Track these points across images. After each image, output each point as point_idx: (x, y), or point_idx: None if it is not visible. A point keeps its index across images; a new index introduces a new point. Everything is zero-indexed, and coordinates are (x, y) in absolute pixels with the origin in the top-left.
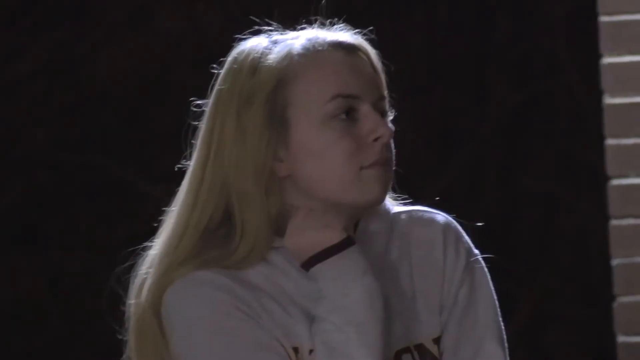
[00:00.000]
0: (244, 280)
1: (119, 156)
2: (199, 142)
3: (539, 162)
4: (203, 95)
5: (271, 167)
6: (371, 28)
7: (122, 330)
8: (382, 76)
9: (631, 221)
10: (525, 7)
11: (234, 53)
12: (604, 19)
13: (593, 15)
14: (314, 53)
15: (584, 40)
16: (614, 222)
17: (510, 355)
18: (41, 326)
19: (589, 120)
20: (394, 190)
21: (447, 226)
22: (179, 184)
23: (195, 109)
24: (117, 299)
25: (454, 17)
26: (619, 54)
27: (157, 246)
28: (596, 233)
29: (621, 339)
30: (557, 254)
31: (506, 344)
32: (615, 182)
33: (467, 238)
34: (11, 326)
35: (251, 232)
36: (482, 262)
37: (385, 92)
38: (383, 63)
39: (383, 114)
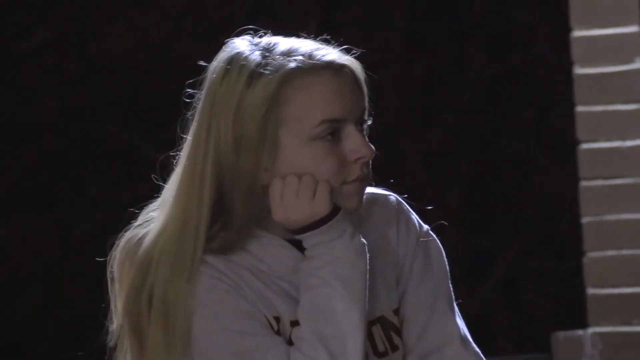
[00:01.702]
0: (226, 258)
1: (125, 123)
2: (194, 138)
3: (515, 128)
4: (201, 67)
5: (258, 176)
6: (362, 50)
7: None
8: (365, 89)
9: (599, 182)
10: None
11: (227, 54)
12: None
13: None
14: (304, 77)
15: (556, 16)
16: (583, 184)
17: (490, 305)
18: (52, 281)
19: (560, 89)
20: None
21: (398, 206)
22: (180, 149)
23: (187, 100)
24: None
25: None
26: (588, 28)
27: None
28: (567, 193)
29: (590, 291)
30: (531, 213)
31: (456, 307)
32: (584, 146)
33: (415, 215)
34: (25, 282)
35: (235, 224)
36: (433, 234)
37: (366, 105)
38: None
39: (363, 128)
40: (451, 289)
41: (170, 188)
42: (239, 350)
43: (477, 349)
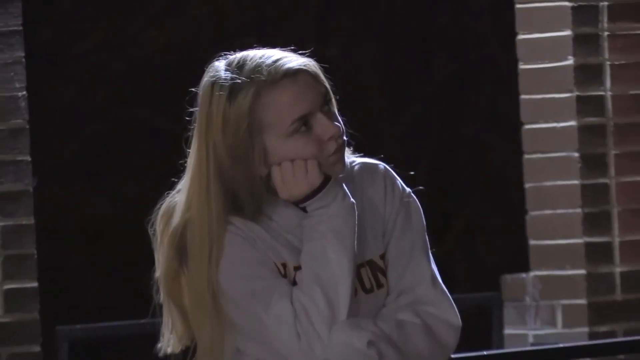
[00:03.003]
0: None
1: (159, 109)
2: (196, 153)
3: (471, 113)
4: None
5: (255, 172)
6: (312, 49)
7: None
8: (321, 78)
9: (539, 155)
10: None
11: (210, 79)
12: (519, 6)
13: (511, 3)
14: (270, 91)
15: (505, 22)
16: (526, 157)
17: (448, 256)
18: (103, 238)
19: (508, 81)
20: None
21: (385, 172)
22: (185, 161)
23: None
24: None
25: (405, 5)
26: (530, 32)
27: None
28: (513, 165)
29: (532, 242)
30: (484, 181)
31: (430, 255)
32: (527, 126)
33: (400, 180)
34: (81, 236)
35: (246, 203)
36: (414, 196)
37: (328, 90)
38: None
39: (330, 108)
40: (427, 239)
41: (182, 195)
42: (251, 291)
43: (444, 288)
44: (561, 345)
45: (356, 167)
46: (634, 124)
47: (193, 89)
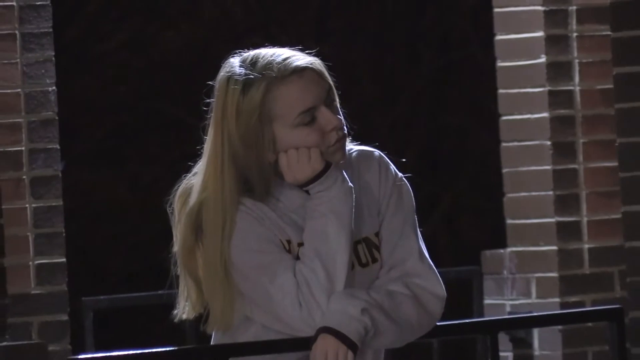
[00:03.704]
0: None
1: (176, 102)
2: (212, 140)
3: (455, 105)
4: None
5: (264, 158)
6: (317, 49)
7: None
8: (326, 76)
9: (515, 143)
10: (445, 1)
11: (226, 74)
12: (497, 10)
13: (490, 7)
14: (279, 86)
15: (485, 24)
16: (503, 144)
17: (434, 234)
18: (124, 218)
19: (487, 77)
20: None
21: (380, 159)
22: (202, 147)
23: (203, 105)
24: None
25: (396, 8)
26: (507, 33)
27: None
28: (492, 152)
29: (509, 221)
30: (466, 166)
31: (419, 233)
32: (504, 117)
33: (393, 166)
34: (104, 218)
35: (256, 185)
36: (405, 180)
37: (332, 87)
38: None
39: (333, 102)
40: (416, 219)
41: (198, 177)
42: (259, 264)
43: (431, 262)
44: (535, 313)
45: (354, 154)
46: (600, 115)
47: (210, 82)
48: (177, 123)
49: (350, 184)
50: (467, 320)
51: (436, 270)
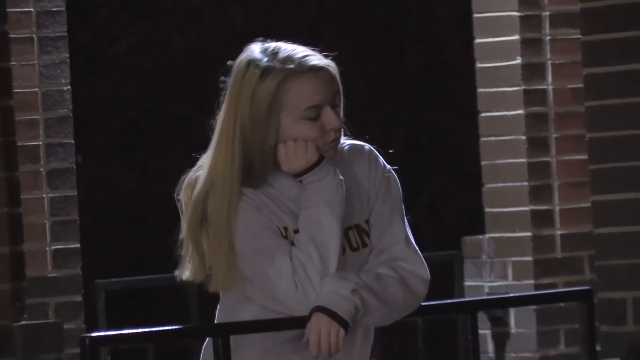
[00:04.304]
0: (250, 186)
1: (182, 101)
2: (225, 117)
3: (438, 103)
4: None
5: (267, 141)
6: (335, 53)
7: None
8: (337, 82)
9: (493, 138)
10: (430, 6)
11: (246, 57)
12: (476, 15)
13: (470, 12)
14: (295, 79)
15: (465, 28)
16: (482, 139)
17: (419, 222)
18: (133, 207)
19: (468, 77)
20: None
21: (370, 152)
22: (214, 122)
23: (222, 82)
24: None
25: (384, 13)
26: (486, 37)
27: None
28: (472, 145)
29: (487, 209)
30: (448, 159)
31: (406, 220)
32: (483, 114)
33: (381, 159)
34: (115, 207)
35: (256, 169)
36: (393, 172)
37: (339, 92)
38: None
39: (337, 106)
40: (403, 207)
41: (209, 153)
42: (257, 249)
43: (416, 247)
44: (511, 294)
45: (346, 147)
46: (571, 112)
47: (211, 79)
48: (182, 119)
49: (340, 176)
50: (449, 301)
51: (421, 255)
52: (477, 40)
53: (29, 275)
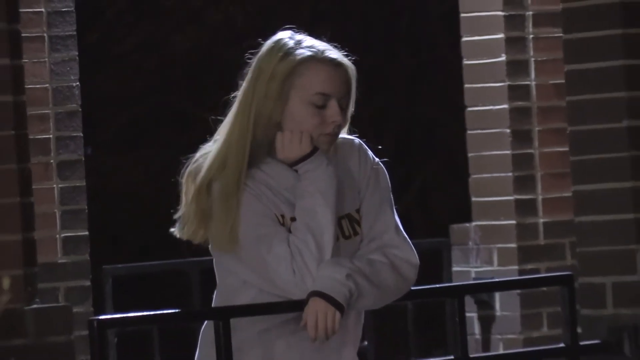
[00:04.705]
0: (253, 178)
1: (183, 96)
2: (245, 91)
3: (428, 98)
4: (233, 62)
5: (274, 115)
6: (355, 57)
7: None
8: (352, 84)
9: (479, 131)
10: (419, 7)
11: (276, 38)
12: (463, 15)
13: (457, 13)
14: (314, 63)
15: (452, 27)
16: (469, 132)
17: (409, 211)
18: (138, 196)
19: (455, 74)
20: None
21: (360, 146)
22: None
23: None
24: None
25: (376, 14)
26: (472, 35)
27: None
28: (459, 138)
29: (474, 199)
30: (437, 151)
31: (394, 209)
32: (470, 109)
33: (370, 152)
34: (120, 196)
35: (259, 144)
36: (381, 164)
37: (351, 95)
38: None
39: (343, 106)
40: (391, 197)
41: (226, 121)
42: (257, 235)
43: (405, 234)
44: (496, 279)
45: (337, 142)
46: (553, 107)
47: (214, 78)
48: (184, 114)
49: (333, 168)
50: (437, 285)
51: (410, 242)
52: (464, 39)
53: (40, 261)
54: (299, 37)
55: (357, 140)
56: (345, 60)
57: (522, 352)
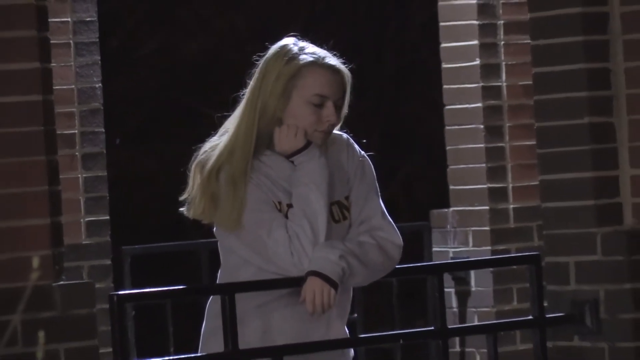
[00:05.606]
0: (253, 167)
1: (193, 96)
2: (252, 90)
3: (411, 97)
4: (239, 64)
5: (277, 111)
6: (352, 65)
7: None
8: (347, 89)
9: (456, 127)
10: (403, 14)
11: (281, 44)
12: (442, 23)
13: (437, 21)
14: (315, 68)
15: (433, 34)
16: (447, 128)
17: (394, 197)
18: (153, 185)
19: (435, 75)
20: None
21: (347, 141)
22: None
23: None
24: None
25: (364, 20)
26: (450, 42)
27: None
28: (439, 133)
29: (452, 187)
30: (419, 145)
31: (379, 196)
32: (448, 107)
33: (357, 146)
34: (138, 185)
35: (261, 135)
36: (367, 157)
37: (345, 97)
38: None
39: (340, 108)
40: (377, 185)
41: (235, 115)
42: (257, 220)
43: (390, 219)
44: (471, 258)
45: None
46: (522, 105)
47: (219, 78)
48: (195, 111)
49: (325, 160)
50: (419, 264)
51: (395, 225)
52: (443, 45)
53: (66, 242)
54: (302, 43)
55: (345, 135)
56: (343, 67)
57: (494, 323)
